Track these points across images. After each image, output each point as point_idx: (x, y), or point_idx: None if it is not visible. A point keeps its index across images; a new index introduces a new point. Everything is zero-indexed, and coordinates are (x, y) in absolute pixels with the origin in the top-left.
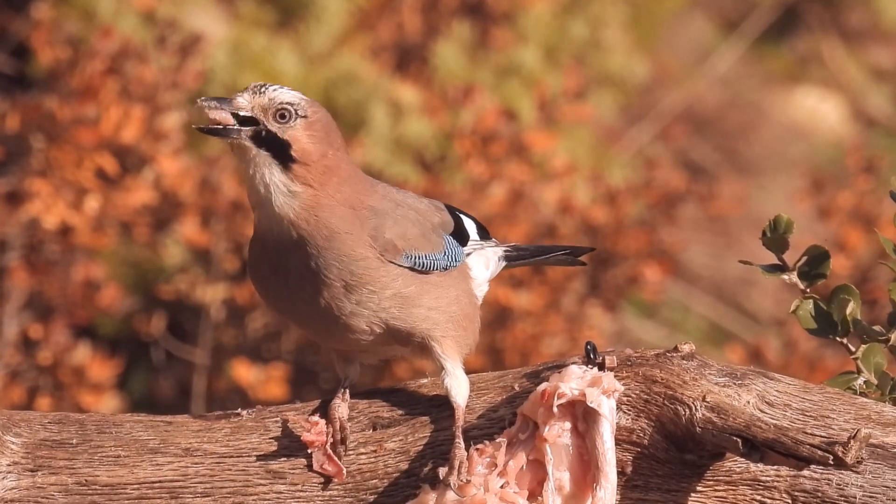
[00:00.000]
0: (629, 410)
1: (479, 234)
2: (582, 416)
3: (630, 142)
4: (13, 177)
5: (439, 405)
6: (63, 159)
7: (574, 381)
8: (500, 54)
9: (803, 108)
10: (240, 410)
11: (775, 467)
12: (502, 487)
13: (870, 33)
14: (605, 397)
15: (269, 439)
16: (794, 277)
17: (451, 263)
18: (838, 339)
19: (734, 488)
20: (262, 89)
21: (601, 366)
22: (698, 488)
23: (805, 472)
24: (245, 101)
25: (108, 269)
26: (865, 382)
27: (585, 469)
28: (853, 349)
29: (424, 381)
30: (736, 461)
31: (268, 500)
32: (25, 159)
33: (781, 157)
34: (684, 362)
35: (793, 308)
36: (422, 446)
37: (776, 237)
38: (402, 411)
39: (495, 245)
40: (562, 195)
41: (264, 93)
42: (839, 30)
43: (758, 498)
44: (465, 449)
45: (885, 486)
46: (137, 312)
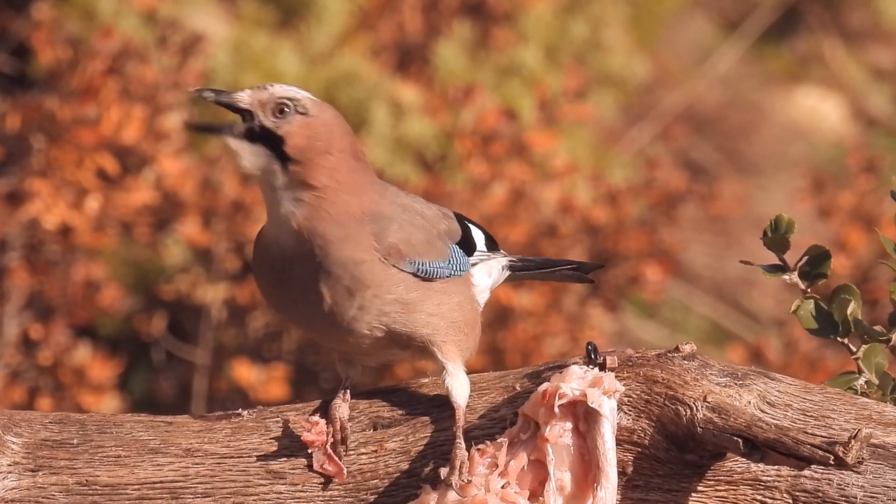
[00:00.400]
0: (630, 411)
1: (487, 246)
2: (583, 417)
3: (630, 142)
4: (13, 177)
5: (440, 405)
6: (63, 159)
7: (575, 381)
8: (500, 54)
9: (803, 108)
10: (240, 411)
11: (776, 467)
12: (503, 487)
13: (870, 33)
14: (606, 397)
15: (270, 439)
16: (794, 277)
17: (455, 273)
18: (839, 339)
19: (735, 488)
20: (265, 86)
21: (602, 366)
22: (699, 488)
23: (806, 473)
24: (245, 95)
25: (109, 269)
26: (866, 382)
27: (586, 469)
28: (854, 349)
29: (425, 382)
30: (737, 461)
31: (268, 500)
32: (26, 159)
33: (782, 157)
34: (685, 362)
35: (793, 308)
36: (423, 446)
37: (777, 237)
38: (403, 411)
39: (502, 256)
40: (562, 195)
41: (266, 88)
42: (839, 30)
43: (759, 498)
44: (467, 449)
45: (885, 486)
46: (138, 312)
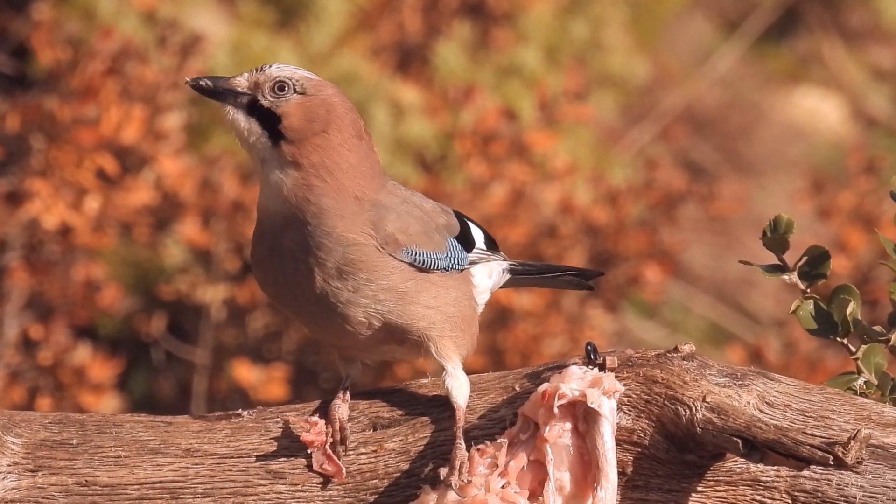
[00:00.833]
0: (630, 411)
1: (487, 245)
2: (583, 417)
3: (631, 142)
4: (13, 177)
5: (440, 405)
6: (63, 159)
7: (575, 381)
8: (500, 54)
9: (803, 108)
10: (240, 411)
11: (775, 468)
12: (503, 488)
13: (870, 33)
14: (605, 398)
15: (270, 440)
16: (794, 278)
17: (453, 265)
18: (839, 339)
19: (734, 488)
20: (263, 67)
21: (602, 366)
22: (699, 488)
23: (805, 473)
24: (242, 79)
25: (109, 270)
26: (866, 383)
27: (586, 469)
28: (853, 349)
29: (425, 382)
30: (736, 461)
31: (268, 500)
32: (25, 159)
33: (781, 157)
34: (685, 363)
35: (793, 308)
36: (422, 446)
37: (776, 237)
38: (403, 411)
39: (502, 259)
40: (562, 195)
41: (264, 70)
42: (839, 30)
43: (758, 498)
44: (466, 449)
45: (885, 486)
46: (138, 312)
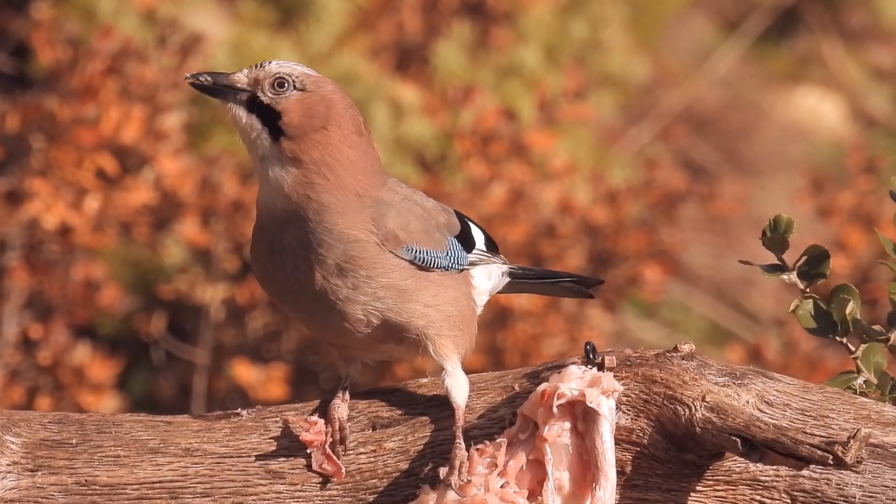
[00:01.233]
0: (629, 410)
1: (487, 246)
2: (581, 416)
3: (630, 142)
4: (13, 177)
5: (439, 405)
6: (63, 159)
7: (574, 381)
8: (500, 54)
9: (803, 108)
10: (240, 410)
11: (775, 467)
12: (502, 487)
13: (870, 33)
14: (604, 397)
15: (269, 439)
16: (793, 277)
17: (453, 264)
18: (838, 338)
19: (734, 488)
20: (263, 63)
21: (601, 366)
22: (698, 488)
23: (804, 472)
24: (242, 76)
25: (108, 269)
26: (865, 382)
27: (585, 469)
28: (853, 349)
29: (424, 381)
30: (735, 461)
31: (267, 499)
32: (25, 159)
33: (781, 157)
34: (684, 362)
35: (792, 308)
36: (421, 446)
37: (776, 237)
38: (402, 411)
39: (502, 262)
40: (562, 195)
41: (264, 66)
42: (839, 30)
43: (757, 498)
44: (466, 449)
45: (884, 485)
46: (137, 312)
